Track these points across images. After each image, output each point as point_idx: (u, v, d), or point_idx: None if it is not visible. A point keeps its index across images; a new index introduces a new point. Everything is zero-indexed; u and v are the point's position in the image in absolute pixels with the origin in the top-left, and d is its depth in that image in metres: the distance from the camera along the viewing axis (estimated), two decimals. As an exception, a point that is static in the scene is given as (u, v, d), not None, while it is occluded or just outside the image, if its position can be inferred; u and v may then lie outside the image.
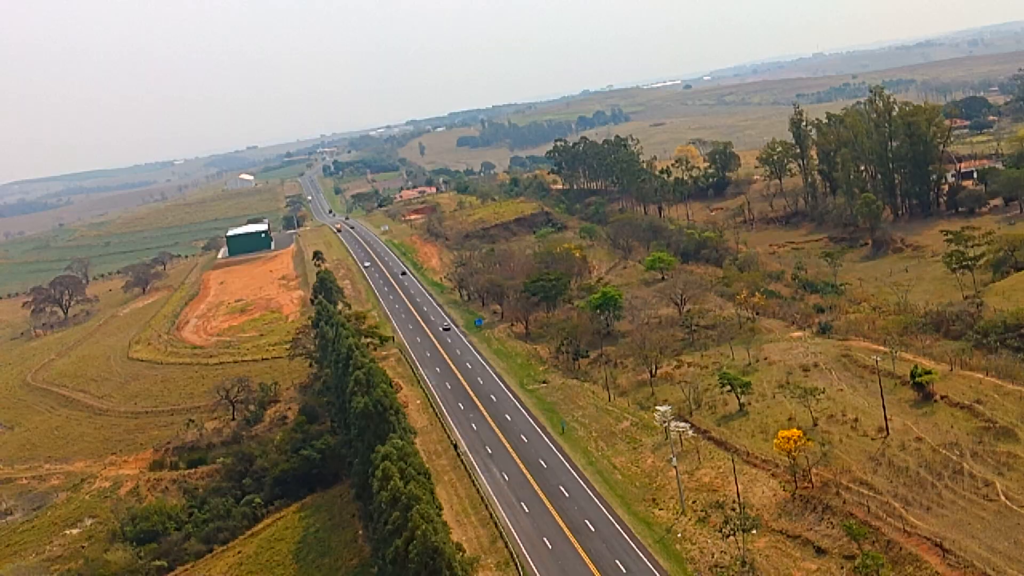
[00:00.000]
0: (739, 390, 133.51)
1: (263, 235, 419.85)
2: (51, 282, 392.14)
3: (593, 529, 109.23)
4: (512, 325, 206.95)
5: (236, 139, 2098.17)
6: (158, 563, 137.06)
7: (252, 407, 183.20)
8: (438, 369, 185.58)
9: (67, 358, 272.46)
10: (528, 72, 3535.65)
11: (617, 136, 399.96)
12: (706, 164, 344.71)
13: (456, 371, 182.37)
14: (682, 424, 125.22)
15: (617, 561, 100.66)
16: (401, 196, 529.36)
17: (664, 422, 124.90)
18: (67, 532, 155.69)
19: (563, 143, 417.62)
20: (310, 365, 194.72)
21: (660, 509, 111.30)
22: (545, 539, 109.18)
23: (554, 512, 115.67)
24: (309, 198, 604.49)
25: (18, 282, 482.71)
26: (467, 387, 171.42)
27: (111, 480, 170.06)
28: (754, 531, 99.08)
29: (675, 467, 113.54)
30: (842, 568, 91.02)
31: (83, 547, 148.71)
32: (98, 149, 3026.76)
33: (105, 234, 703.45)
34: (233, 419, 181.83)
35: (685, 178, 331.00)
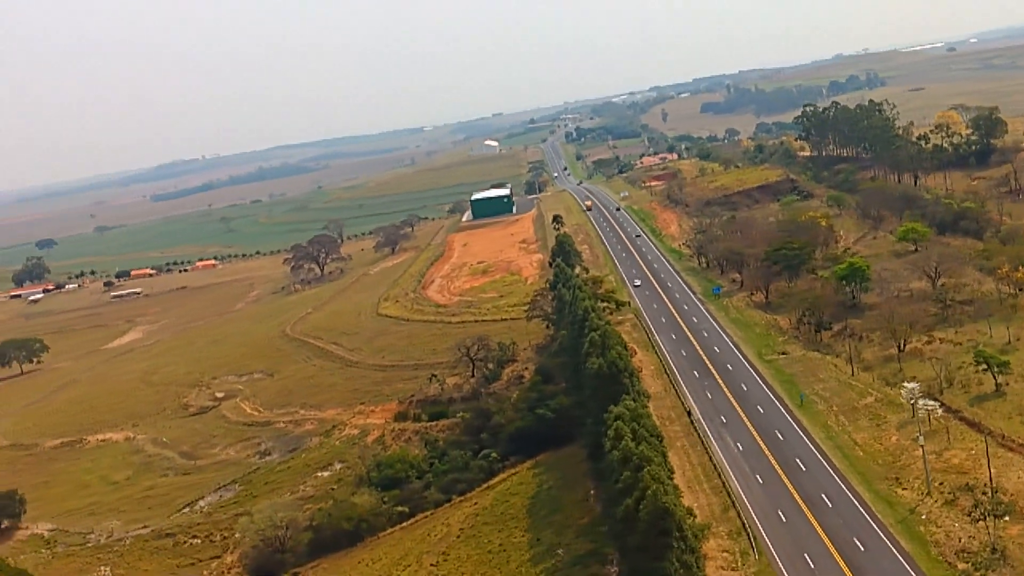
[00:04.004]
0: (996, 369, 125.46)
1: (505, 199, 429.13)
2: (309, 241, 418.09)
3: (830, 504, 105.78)
4: (751, 294, 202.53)
5: (483, 106, 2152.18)
6: (400, 509, 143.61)
7: (491, 365, 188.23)
8: (673, 336, 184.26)
9: (322, 312, 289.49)
10: (778, 34, 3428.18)
11: (871, 101, 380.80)
12: (968, 131, 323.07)
13: (692, 338, 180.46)
14: (931, 402, 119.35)
15: (855, 538, 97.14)
16: (642, 162, 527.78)
17: (911, 399, 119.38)
18: (318, 474, 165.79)
19: (812, 108, 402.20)
20: (547, 327, 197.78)
21: (903, 489, 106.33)
22: (779, 511, 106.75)
23: (789, 484, 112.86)
24: (555, 174, 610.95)
25: (279, 240, 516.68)
26: (703, 355, 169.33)
27: (359, 428, 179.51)
28: (1007, 517, 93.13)
29: (922, 446, 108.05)
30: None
31: (333, 489, 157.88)
32: (355, 116, 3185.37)
33: (358, 196, 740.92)
34: (472, 376, 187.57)
35: (944, 145, 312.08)
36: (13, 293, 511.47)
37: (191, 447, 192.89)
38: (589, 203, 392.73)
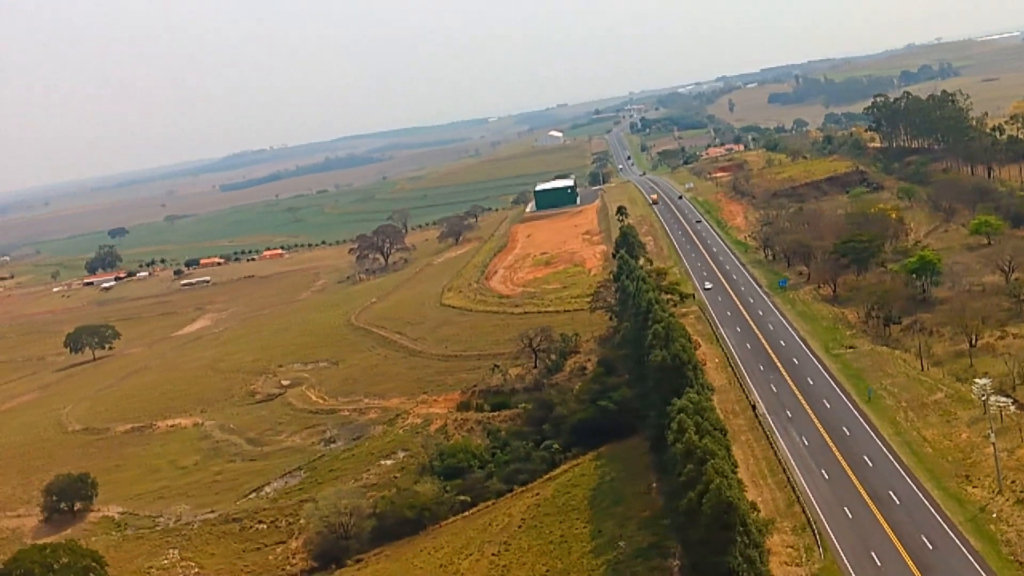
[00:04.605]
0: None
1: (569, 191, 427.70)
2: (374, 231, 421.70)
3: (898, 501, 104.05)
4: (818, 287, 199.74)
5: (547, 97, 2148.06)
6: (462, 498, 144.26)
7: (553, 356, 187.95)
8: (738, 329, 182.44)
9: (386, 302, 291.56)
10: (849, 24, 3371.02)
11: (943, 91, 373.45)
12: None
13: (757, 332, 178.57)
14: (1003, 399, 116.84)
15: (923, 536, 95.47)
16: (707, 153, 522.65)
17: (983, 395, 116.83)
18: (382, 462, 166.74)
19: (883, 99, 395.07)
20: (610, 318, 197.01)
21: (974, 487, 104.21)
22: (845, 507, 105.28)
23: (856, 481, 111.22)
24: (620, 166, 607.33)
25: (345, 230, 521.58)
26: (768, 348, 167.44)
27: (422, 417, 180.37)
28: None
29: (993, 443, 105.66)
30: None
31: (396, 477, 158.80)
32: (419, 106, 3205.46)
33: (422, 187, 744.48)
34: (535, 367, 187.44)
35: (1019, 136, 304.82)
36: (87, 280, 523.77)
37: (258, 433, 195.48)
38: (655, 196, 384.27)
